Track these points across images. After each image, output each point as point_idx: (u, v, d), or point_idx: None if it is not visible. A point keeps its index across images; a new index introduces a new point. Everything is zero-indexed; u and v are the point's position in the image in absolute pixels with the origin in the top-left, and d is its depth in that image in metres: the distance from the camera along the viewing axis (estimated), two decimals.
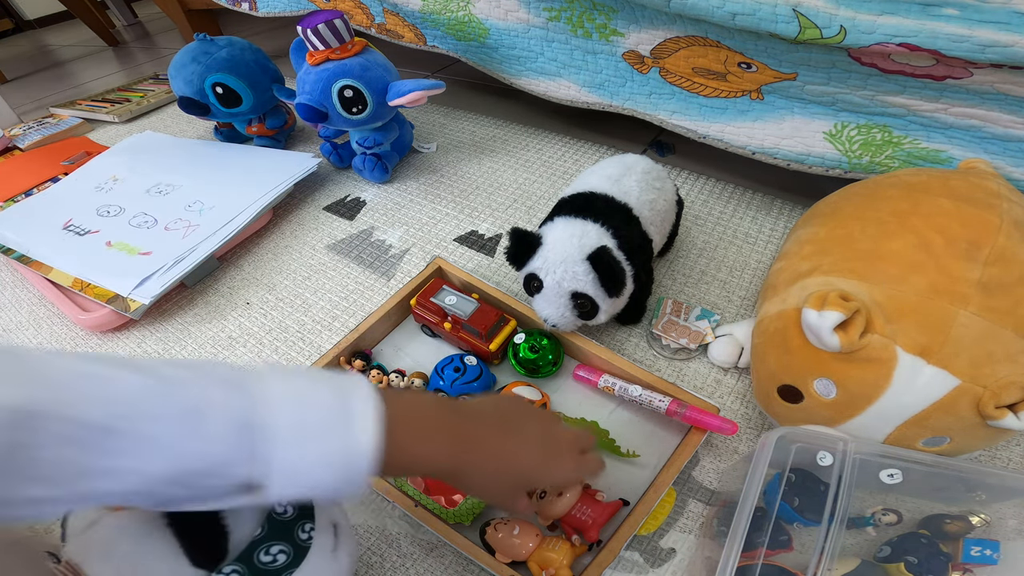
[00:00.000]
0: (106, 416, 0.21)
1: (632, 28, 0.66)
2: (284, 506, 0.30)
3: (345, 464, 0.25)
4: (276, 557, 0.28)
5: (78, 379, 0.21)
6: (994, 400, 0.33)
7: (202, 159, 0.89)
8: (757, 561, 0.34)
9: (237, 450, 0.23)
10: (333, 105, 0.72)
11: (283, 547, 0.29)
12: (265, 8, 1.11)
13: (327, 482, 0.25)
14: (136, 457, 0.21)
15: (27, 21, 2.44)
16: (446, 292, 0.56)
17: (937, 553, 0.36)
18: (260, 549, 0.28)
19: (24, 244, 0.72)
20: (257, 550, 0.28)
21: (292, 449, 0.24)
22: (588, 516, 0.41)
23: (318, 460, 0.25)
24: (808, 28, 0.49)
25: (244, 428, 0.23)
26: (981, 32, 0.43)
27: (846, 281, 0.39)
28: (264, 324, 0.65)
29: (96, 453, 0.20)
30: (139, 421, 0.21)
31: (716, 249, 0.67)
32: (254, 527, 0.28)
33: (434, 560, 0.43)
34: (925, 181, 0.44)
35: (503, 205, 0.78)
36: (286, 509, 0.30)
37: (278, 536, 0.29)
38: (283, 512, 0.30)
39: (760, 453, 0.36)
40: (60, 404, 0.20)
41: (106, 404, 0.21)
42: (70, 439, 0.20)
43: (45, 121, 1.19)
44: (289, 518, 0.30)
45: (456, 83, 1.12)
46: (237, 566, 0.27)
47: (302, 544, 0.29)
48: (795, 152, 0.64)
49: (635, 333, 0.58)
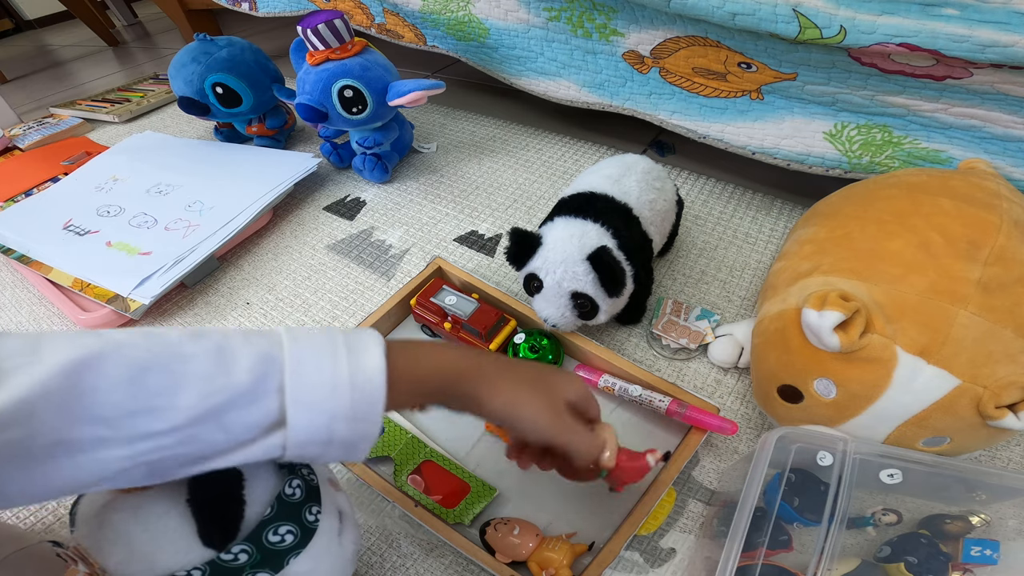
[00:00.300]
0: (148, 357, 0.23)
1: (632, 28, 0.66)
2: (293, 488, 0.30)
3: (358, 384, 0.27)
4: (284, 537, 0.29)
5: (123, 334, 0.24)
6: (994, 400, 0.33)
7: (202, 159, 0.89)
8: (757, 561, 0.34)
9: (263, 380, 0.25)
10: (333, 105, 0.72)
11: (291, 527, 0.29)
12: (265, 8, 1.11)
13: (343, 407, 0.26)
14: (174, 394, 0.23)
15: (27, 21, 2.44)
16: (446, 292, 0.56)
17: (937, 553, 0.36)
18: (269, 529, 0.28)
19: (24, 244, 0.72)
20: (266, 530, 0.28)
21: (306, 375, 0.26)
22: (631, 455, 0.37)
23: (331, 382, 0.26)
24: (808, 28, 0.49)
25: (266, 360, 0.26)
26: (981, 32, 0.43)
27: (846, 281, 0.39)
28: (264, 324, 0.65)
29: (142, 391, 0.23)
30: (175, 361, 0.24)
31: (716, 249, 0.67)
32: (264, 507, 0.29)
33: (434, 560, 0.43)
34: (925, 181, 0.44)
35: (503, 205, 0.78)
36: (294, 491, 0.30)
37: (286, 517, 0.29)
38: (292, 494, 0.30)
39: (760, 453, 0.36)
40: (117, 347, 0.23)
41: (148, 348, 0.24)
42: (120, 379, 0.22)
43: (45, 121, 1.19)
44: (298, 500, 0.30)
45: (456, 83, 1.12)
46: (246, 545, 0.27)
47: (309, 526, 0.30)
48: (795, 152, 0.64)
49: (635, 333, 0.58)
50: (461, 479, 0.47)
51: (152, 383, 0.23)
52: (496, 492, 0.46)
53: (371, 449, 0.29)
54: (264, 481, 0.29)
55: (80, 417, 0.21)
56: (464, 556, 0.43)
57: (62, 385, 0.21)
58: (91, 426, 0.22)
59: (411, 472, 0.47)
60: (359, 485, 0.48)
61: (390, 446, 0.49)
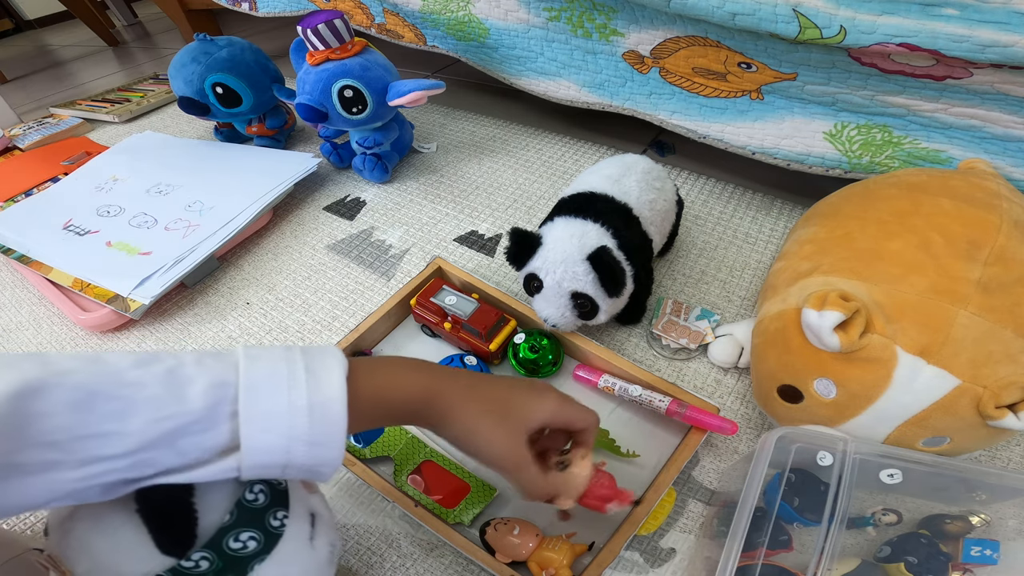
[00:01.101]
0: (95, 382, 0.23)
1: (632, 28, 0.66)
2: (255, 493, 0.29)
3: (316, 407, 0.27)
4: (246, 544, 0.28)
5: (73, 360, 0.24)
6: (994, 400, 0.33)
7: (202, 159, 0.89)
8: (757, 561, 0.34)
9: (216, 406, 0.25)
10: (333, 105, 0.72)
11: (253, 534, 0.28)
12: (265, 8, 1.11)
13: (301, 432, 0.26)
14: (124, 419, 0.23)
15: (27, 21, 2.44)
16: (446, 292, 0.56)
17: (937, 553, 0.36)
18: (229, 535, 0.28)
19: (24, 244, 0.72)
20: (226, 536, 0.27)
21: (261, 401, 0.26)
22: (608, 481, 0.39)
23: (288, 407, 0.26)
24: (808, 28, 0.49)
25: (220, 385, 0.26)
26: (981, 32, 0.43)
27: (846, 281, 0.39)
28: (264, 324, 0.65)
29: (91, 416, 0.23)
30: (123, 387, 0.24)
31: (716, 249, 0.67)
32: (223, 514, 0.28)
33: (434, 560, 0.43)
34: (925, 181, 0.44)
35: (503, 205, 0.78)
36: (256, 496, 0.29)
37: (247, 523, 0.28)
38: (253, 499, 0.29)
39: (760, 453, 0.36)
40: (62, 375, 0.23)
41: (94, 374, 0.24)
42: (70, 404, 0.22)
43: (45, 121, 1.19)
44: (260, 505, 0.29)
45: (456, 83, 1.12)
46: (206, 552, 0.27)
47: (274, 531, 0.29)
48: (795, 152, 0.64)
49: (635, 333, 0.58)
50: (461, 479, 0.47)
51: (101, 408, 0.23)
52: (496, 492, 0.46)
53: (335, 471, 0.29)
54: (222, 487, 0.29)
55: (29, 442, 0.22)
56: (464, 556, 0.43)
57: (7, 411, 0.21)
58: (40, 450, 0.22)
59: (411, 472, 0.47)
60: (359, 485, 0.48)
61: (390, 446, 0.49)
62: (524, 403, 0.35)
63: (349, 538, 0.45)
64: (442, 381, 0.33)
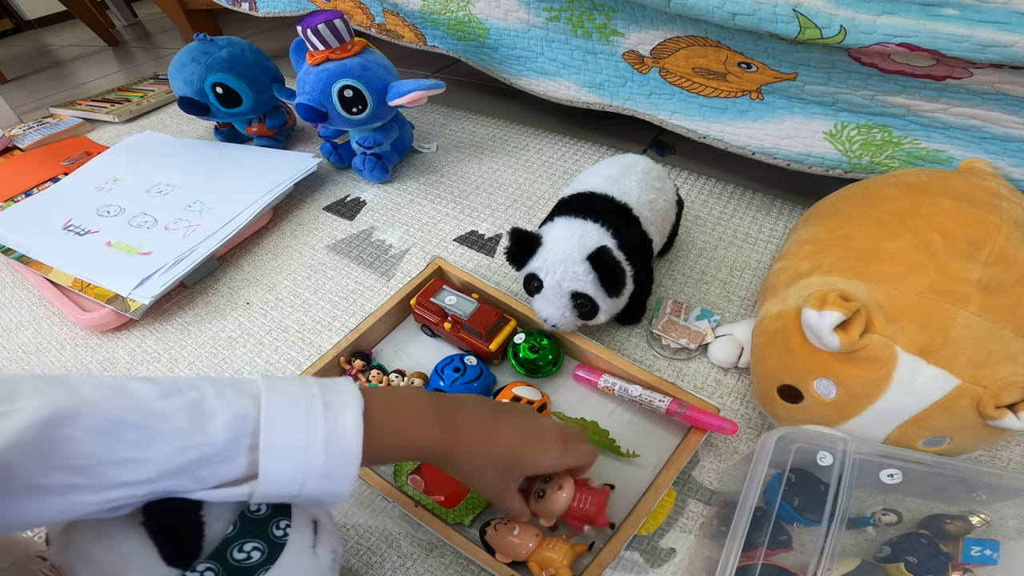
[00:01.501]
0: (123, 412, 0.24)
1: (632, 28, 0.66)
2: (258, 504, 0.30)
3: (333, 444, 0.28)
4: (250, 554, 0.28)
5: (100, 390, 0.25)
6: (994, 400, 0.33)
7: (202, 159, 0.89)
8: (757, 561, 0.34)
9: (237, 439, 0.26)
10: (333, 105, 0.72)
11: (257, 544, 0.28)
12: (265, 8, 1.11)
13: (316, 465, 0.27)
14: (149, 447, 0.24)
15: (27, 21, 2.44)
16: (446, 292, 0.56)
17: (937, 553, 0.36)
18: (233, 546, 0.28)
19: (24, 244, 0.72)
20: (230, 547, 0.28)
21: (281, 435, 0.27)
22: (591, 504, 0.40)
23: (306, 441, 0.27)
24: (808, 28, 0.49)
25: (241, 419, 0.26)
26: (981, 32, 0.43)
27: (846, 281, 0.39)
28: (264, 324, 0.65)
29: (117, 444, 0.24)
30: (150, 416, 0.25)
31: (716, 249, 0.67)
32: (226, 525, 0.28)
33: (434, 560, 0.43)
34: (925, 181, 0.44)
35: (503, 205, 0.78)
36: (259, 507, 0.30)
37: (251, 534, 0.29)
38: (256, 510, 0.30)
39: (760, 453, 0.36)
40: (91, 404, 0.24)
41: (122, 405, 0.25)
42: (97, 431, 0.23)
43: (45, 121, 1.19)
44: (263, 516, 0.30)
45: (456, 83, 1.12)
46: (211, 564, 0.27)
47: (277, 541, 0.29)
48: (795, 152, 0.64)
49: (635, 333, 0.58)
50: None
51: (126, 436, 0.24)
52: None
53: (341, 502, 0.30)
54: None
55: (55, 466, 0.22)
56: (464, 556, 0.43)
57: (37, 437, 0.22)
58: (65, 474, 0.23)
59: (411, 472, 0.47)
60: (359, 485, 0.48)
61: None
62: (528, 457, 0.37)
63: (349, 538, 0.45)
64: (456, 439, 0.34)
